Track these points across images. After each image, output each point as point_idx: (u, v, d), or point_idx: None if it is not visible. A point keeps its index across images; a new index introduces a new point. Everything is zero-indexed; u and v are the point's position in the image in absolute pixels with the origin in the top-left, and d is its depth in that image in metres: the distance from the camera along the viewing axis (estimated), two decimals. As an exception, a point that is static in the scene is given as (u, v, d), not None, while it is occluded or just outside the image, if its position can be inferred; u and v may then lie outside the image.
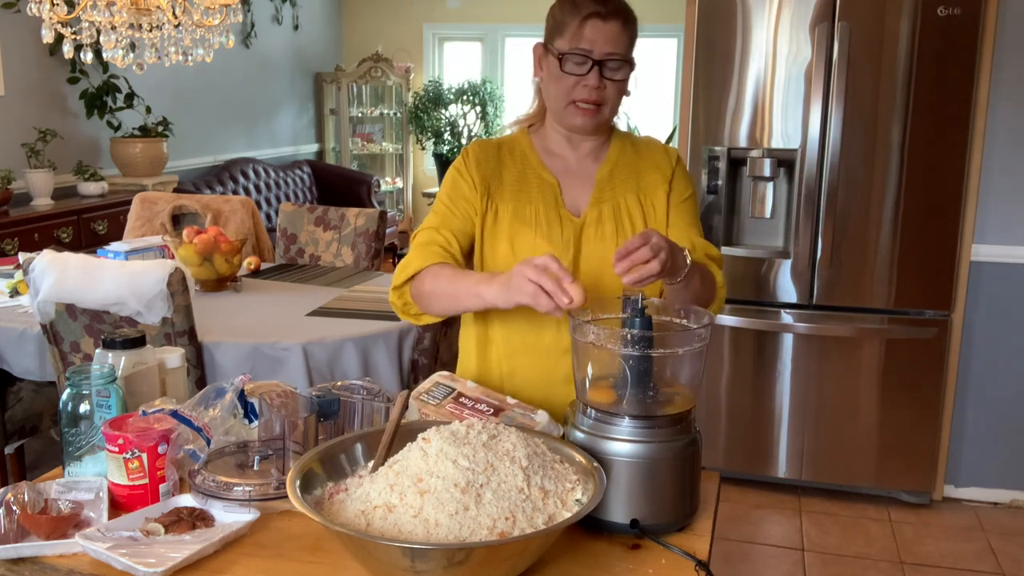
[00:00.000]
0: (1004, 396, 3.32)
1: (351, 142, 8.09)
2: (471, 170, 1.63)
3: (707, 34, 3.23)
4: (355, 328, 2.63)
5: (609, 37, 1.52)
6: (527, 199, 1.61)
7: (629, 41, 1.55)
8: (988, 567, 2.96)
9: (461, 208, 1.62)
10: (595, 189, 1.62)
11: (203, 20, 3.31)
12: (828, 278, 3.25)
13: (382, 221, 3.71)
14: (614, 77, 1.54)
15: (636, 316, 1.27)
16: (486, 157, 1.65)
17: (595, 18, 1.51)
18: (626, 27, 1.54)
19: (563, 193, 1.63)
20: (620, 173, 1.64)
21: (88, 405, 1.37)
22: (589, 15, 1.51)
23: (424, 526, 1.07)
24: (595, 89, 1.53)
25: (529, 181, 1.63)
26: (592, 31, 1.51)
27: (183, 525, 1.21)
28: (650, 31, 8.46)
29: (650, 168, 1.65)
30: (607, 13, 1.52)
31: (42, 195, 4.49)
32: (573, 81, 1.54)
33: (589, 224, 1.60)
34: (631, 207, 1.62)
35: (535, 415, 1.44)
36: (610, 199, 1.62)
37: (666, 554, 1.20)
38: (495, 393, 1.51)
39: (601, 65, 1.52)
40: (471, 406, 1.46)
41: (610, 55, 1.52)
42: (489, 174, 1.63)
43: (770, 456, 3.43)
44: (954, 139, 3.09)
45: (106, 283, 2.40)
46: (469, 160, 1.64)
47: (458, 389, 1.50)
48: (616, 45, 1.52)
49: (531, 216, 1.60)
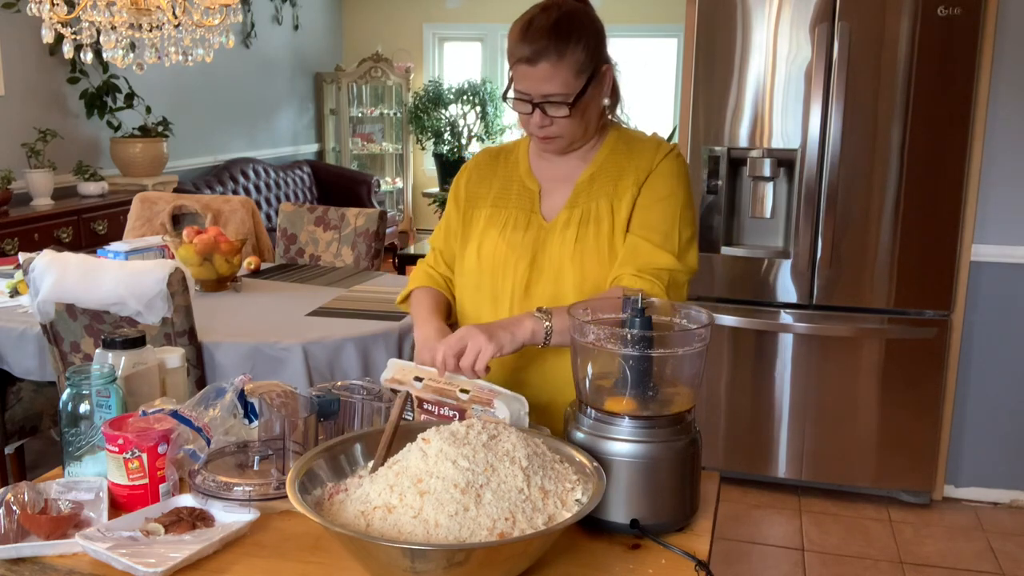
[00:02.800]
0: (1004, 396, 3.32)
1: (351, 142, 8.09)
2: (459, 189, 1.75)
3: (707, 34, 3.23)
4: (355, 328, 2.63)
5: (541, 78, 1.49)
6: (504, 205, 1.67)
7: (568, 73, 1.49)
8: (988, 567, 2.96)
9: (451, 229, 1.75)
10: (572, 194, 1.63)
11: (203, 20, 3.31)
12: (828, 278, 3.25)
13: (382, 221, 3.71)
14: (557, 114, 1.52)
15: (636, 316, 1.27)
16: (479, 173, 1.73)
17: (522, 64, 1.50)
18: (559, 64, 1.48)
19: (543, 198, 1.65)
20: (601, 177, 1.63)
21: (88, 405, 1.37)
22: (517, 61, 1.50)
23: (424, 527, 1.07)
24: (542, 127, 1.55)
25: (511, 188, 1.68)
26: (523, 75, 1.51)
27: (183, 525, 1.21)
28: (650, 31, 8.45)
29: (631, 170, 1.61)
30: (532, 56, 1.48)
31: (42, 195, 4.49)
32: (524, 119, 1.56)
33: (555, 228, 1.61)
34: (600, 212, 1.60)
35: (494, 410, 1.39)
36: (583, 203, 1.61)
37: (666, 554, 1.20)
38: (445, 388, 1.44)
39: (542, 106, 1.52)
40: (436, 412, 1.44)
41: (546, 97, 1.51)
42: (478, 189, 1.72)
43: (770, 456, 3.43)
44: (954, 139, 3.09)
45: (106, 283, 2.40)
46: (461, 181, 1.76)
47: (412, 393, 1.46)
48: (550, 86, 1.49)
49: (502, 221, 1.65)
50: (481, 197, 1.70)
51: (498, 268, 1.64)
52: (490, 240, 1.65)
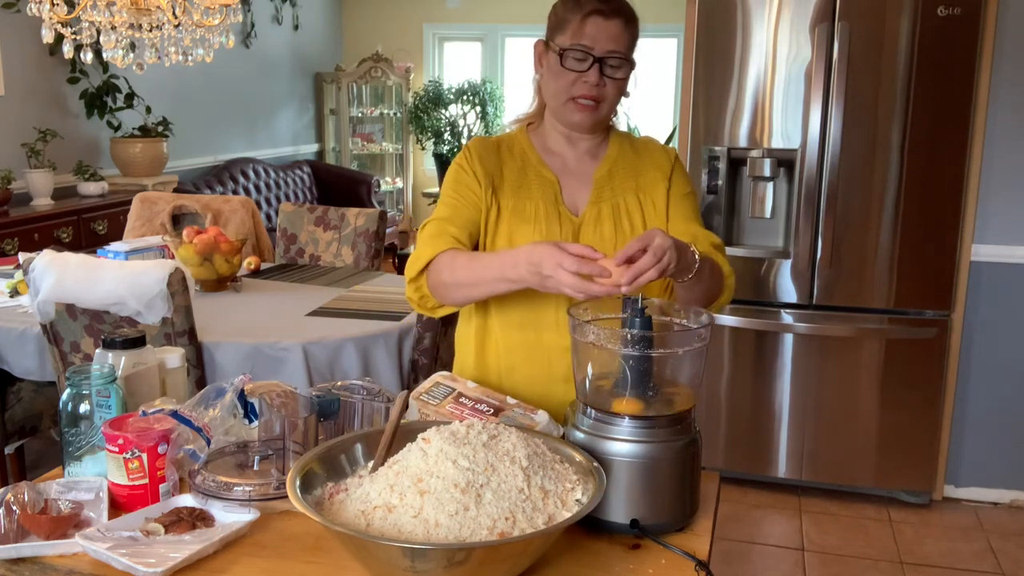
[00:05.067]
0: (1004, 396, 3.32)
1: (351, 142, 8.09)
2: (474, 164, 1.62)
3: (707, 34, 3.23)
4: (355, 328, 2.63)
5: (611, 35, 1.52)
6: (527, 195, 1.62)
7: (630, 40, 1.55)
8: (988, 567, 2.96)
9: (469, 200, 1.61)
10: (594, 188, 1.63)
11: (203, 20, 3.31)
12: (828, 278, 3.25)
13: (382, 221, 3.71)
14: (614, 75, 1.54)
15: (636, 316, 1.27)
16: (487, 153, 1.65)
17: (597, 15, 1.52)
18: (628, 26, 1.54)
19: (562, 191, 1.63)
20: (619, 172, 1.64)
21: (88, 405, 1.37)
22: (591, 12, 1.52)
23: (424, 526, 1.07)
24: (595, 86, 1.54)
25: (529, 178, 1.63)
26: (594, 28, 1.52)
27: (183, 525, 1.21)
28: (650, 31, 8.43)
29: (649, 167, 1.65)
30: (609, 11, 1.52)
31: (42, 195, 4.49)
32: (573, 77, 1.54)
33: (587, 223, 1.60)
34: (630, 207, 1.62)
35: (535, 415, 1.44)
36: (609, 198, 1.62)
37: (666, 554, 1.20)
38: (495, 393, 1.50)
39: (602, 62, 1.53)
40: (471, 406, 1.46)
41: (611, 53, 1.53)
42: (491, 169, 1.63)
43: (770, 456, 3.43)
44: (954, 139, 3.09)
45: (106, 283, 2.40)
46: (472, 155, 1.64)
47: (458, 389, 1.50)
48: (617, 43, 1.53)
49: (531, 213, 1.60)
50: (497, 181, 1.62)
51: None
52: (523, 235, 1.59)
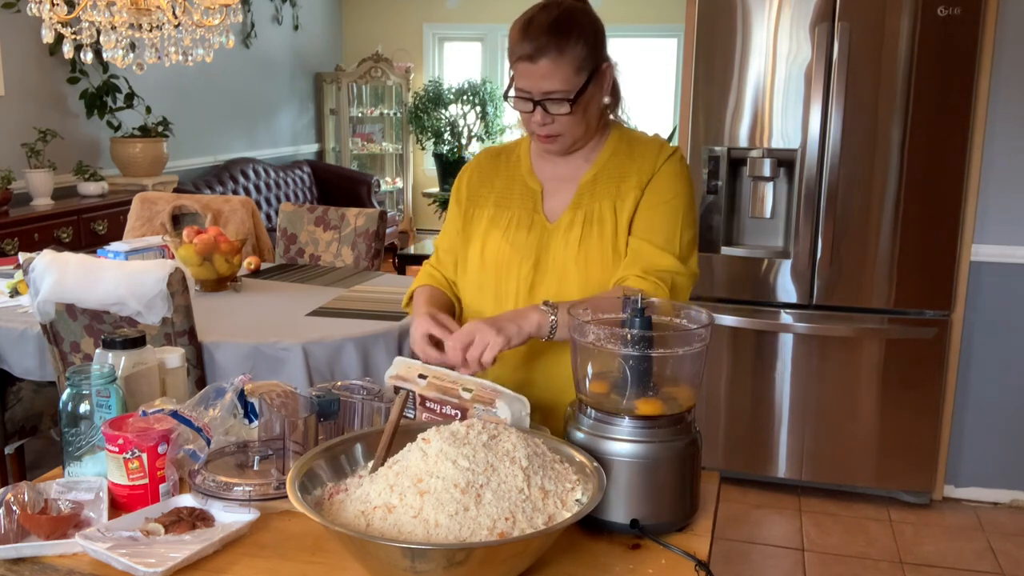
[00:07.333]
0: (1004, 396, 3.32)
1: (351, 142, 8.09)
2: (461, 190, 1.74)
3: (707, 34, 3.23)
4: (355, 328, 2.63)
5: (541, 76, 1.49)
6: (507, 205, 1.67)
7: (571, 69, 1.49)
8: (988, 567, 2.96)
9: (456, 227, 1.73)
10: (575, 194, 1.63)
11: (203, 20, 3.30)
12: (828, 278, 3.25)
13: (382, 221, 3.71)
14: (558, 112, 1.52)
15: (636, 316, 1.27)
16: (480, 173, 1.73)
17: (525, 61, 1.50)
18: (560, 60, 1.48)
19: (545, 199, 1.65)
20: (604, 178, 1.63)
21: (88, 405, 1.37)
22: (519, 58, 1.50)
23: (424, 526, 1.07)
24: (543, 125, 1.55)
25: (514, 188, 1.68)
26: (524, 73, 1.51)
27: (183, 525, 1.21)
28: (650, 31, 8.43)
29: (632, 172, 1.61)
30: (533, 53, 1.48)
31: (42, 195, 4.49)
32: (526, 117, 1.56)
33: (559, 229, 1.61)
34: (604, 214, 1.60)
35: (495, 410, 1.38)
36: (587, 204, 1.61)
37: (666, 554, 1.20)
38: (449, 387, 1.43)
39: (542, 104, 1.52)
40: (438, 411, 1.44)
41: (546, 95, 1.50)
42: (477, 187, 1.72)
43: (770, 456, 3.43)
44: (954, 139, 3.09)
45: (106, 283, 2.40)
46: (463, 178, 1.76)
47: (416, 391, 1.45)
48: (551, 82, 1.49)
49: (505, 221, 1.65)
50: (483, 196, 1.70)
51: (502, 269, 1.63)
52: (493, 241, 1.65)
